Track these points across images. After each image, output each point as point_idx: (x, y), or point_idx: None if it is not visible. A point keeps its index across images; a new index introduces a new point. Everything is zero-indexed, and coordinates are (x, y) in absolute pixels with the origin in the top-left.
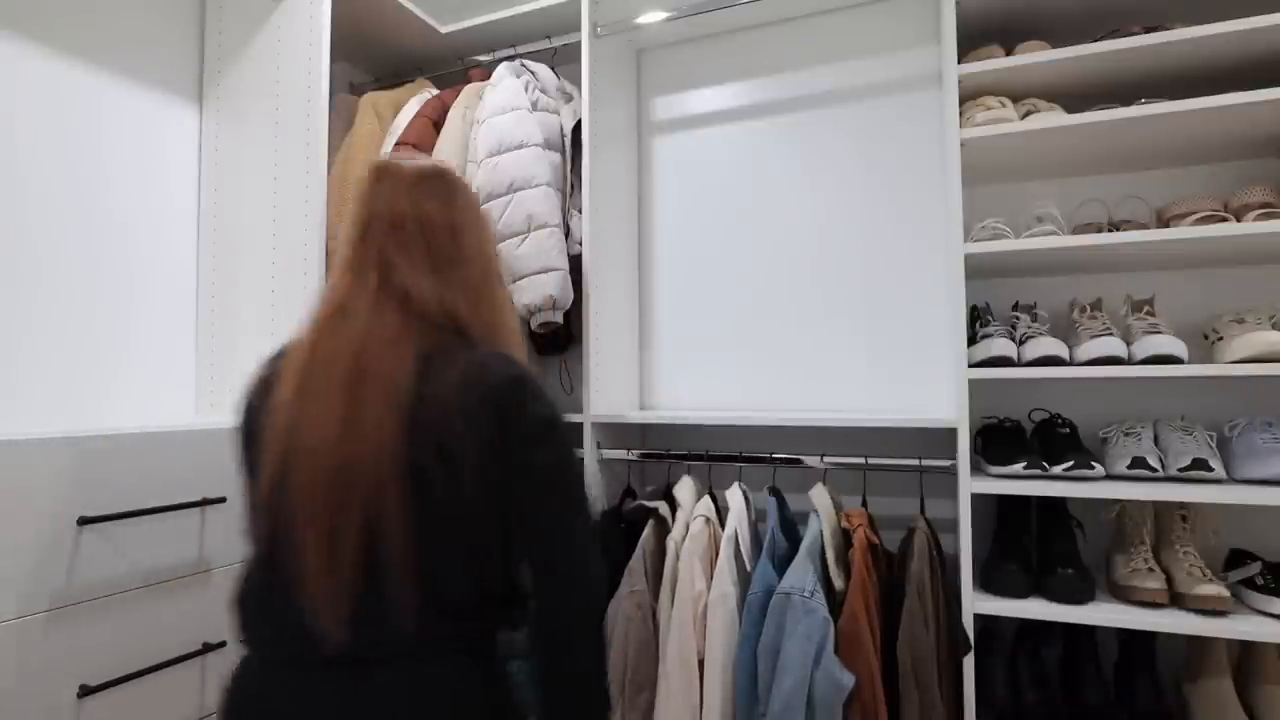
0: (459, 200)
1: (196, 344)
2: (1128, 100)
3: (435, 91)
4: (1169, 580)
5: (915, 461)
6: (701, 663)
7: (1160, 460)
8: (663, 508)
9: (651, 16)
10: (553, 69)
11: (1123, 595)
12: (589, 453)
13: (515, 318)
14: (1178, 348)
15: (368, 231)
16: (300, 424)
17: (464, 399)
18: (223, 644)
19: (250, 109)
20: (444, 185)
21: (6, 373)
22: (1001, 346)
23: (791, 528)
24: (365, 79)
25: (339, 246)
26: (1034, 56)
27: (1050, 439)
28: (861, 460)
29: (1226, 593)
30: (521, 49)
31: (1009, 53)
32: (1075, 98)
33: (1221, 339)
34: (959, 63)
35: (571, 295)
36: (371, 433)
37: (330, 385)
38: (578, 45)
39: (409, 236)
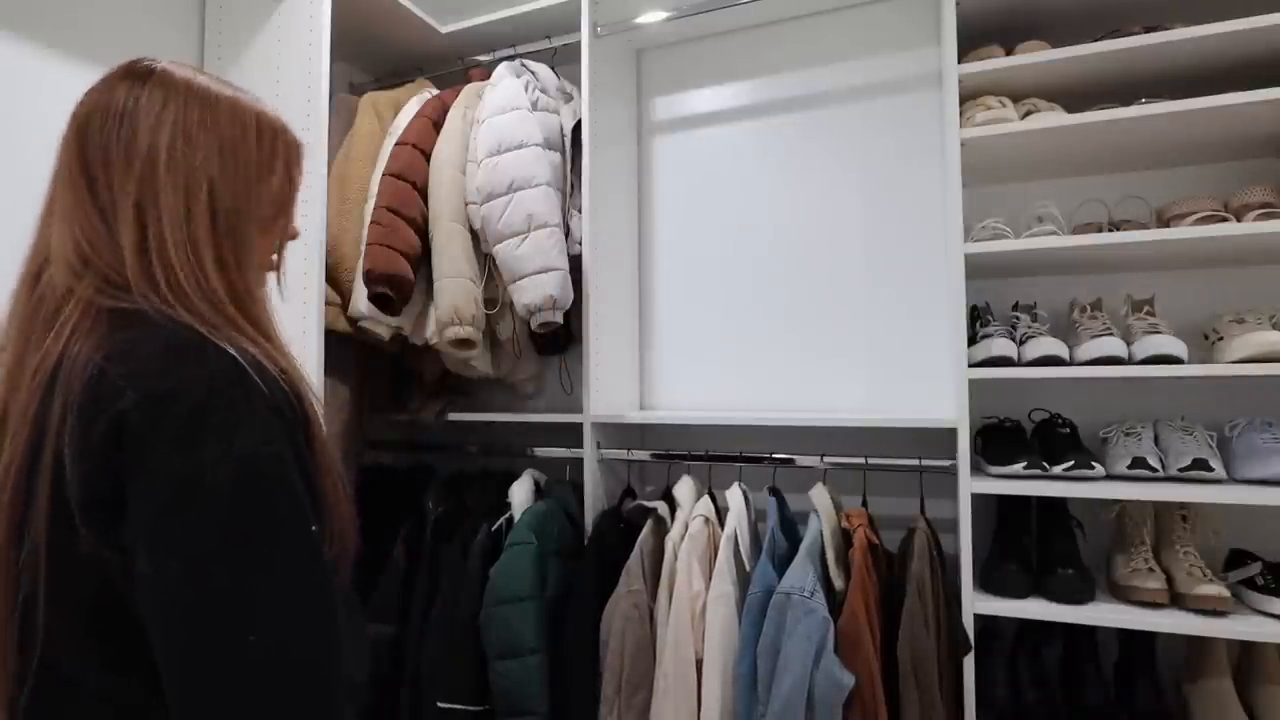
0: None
1: None
2: (1128, 100)
3: (435, 91)
4: (1169, 580)
5: (915, 461)
6: (699, 663)
7: (1160, 460)
8: (662, 508)
9: (651, 16)
10: (553, 69)
11: (1123, 595)
12: (589, 453)
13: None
14: (1178, 348)
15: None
16: None
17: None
18: None
19: None
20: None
21: None
22: (1001, 346)
23: (791, 528)
24: (365, 79)
25: None
26: (1034, 56)
27: (1050, 439)
28: (861, 460)
29: (1227, 593)
30: (521, 49)
31: (1009, 53)
32: (1075, 98)
33: (1221, 339)
34: (959, 63)
35: (571, 295)
36: None
37: None
38: (578, 45)
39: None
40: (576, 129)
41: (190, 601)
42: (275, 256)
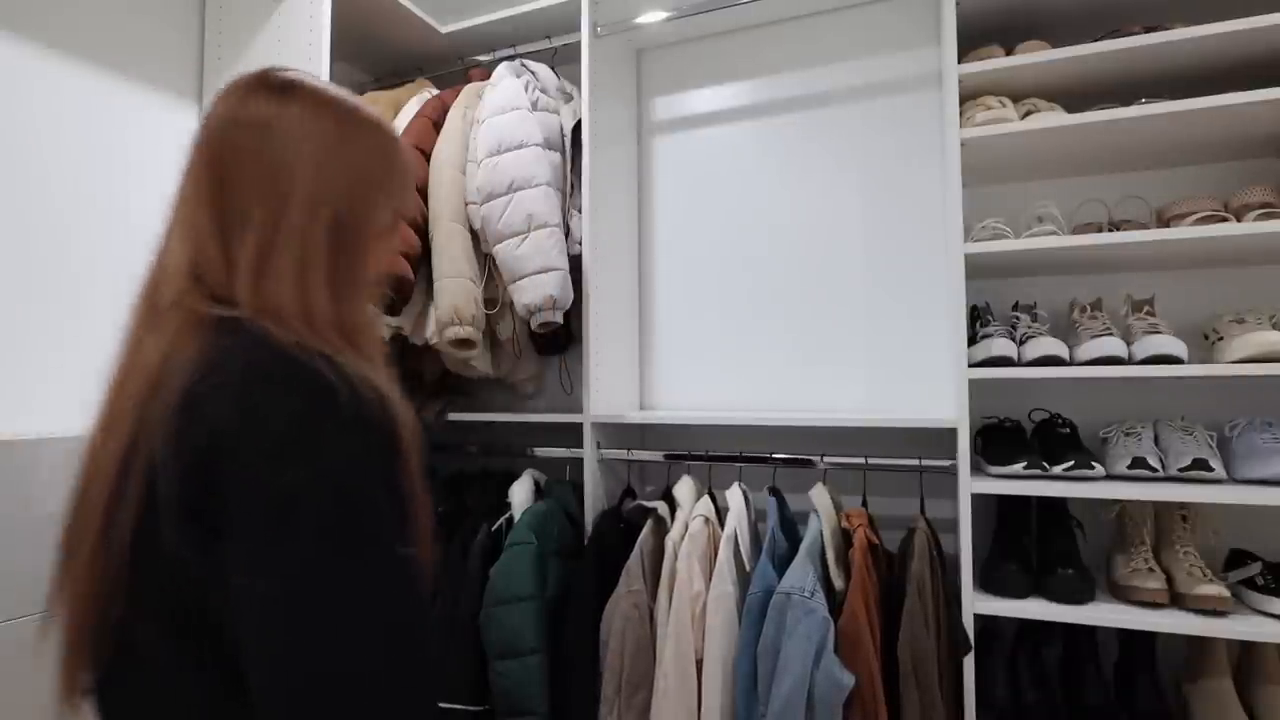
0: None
1: None
2: (1128, 100)
3: (435, 91)
4: (1169, 580)
5: (915, 461)
6: (699, 663)
7: (1160, 460)
8: (662, 508)
9: (651, 16)
10: (553, 69)
11: (1123, 595)
12: (589, 453)
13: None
14: (1178, 348)
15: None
16: None
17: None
18: None
19: None
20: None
21: (12, 373)
22: (1001, 346)
23: (791, 528)
24: (365, 79)
25: None
26: (1034, 56)
27: (1050, 439)
28: (861, 460)
29: (1227, 593)
30: (521, 49)
31: (1009, 53)
32: (1075, 98)
33: (1221, 339)
34: (959, 63)
35: (571, 295)
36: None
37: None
38: (578, 45)
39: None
40: (576, 129)
41: (279, 619)
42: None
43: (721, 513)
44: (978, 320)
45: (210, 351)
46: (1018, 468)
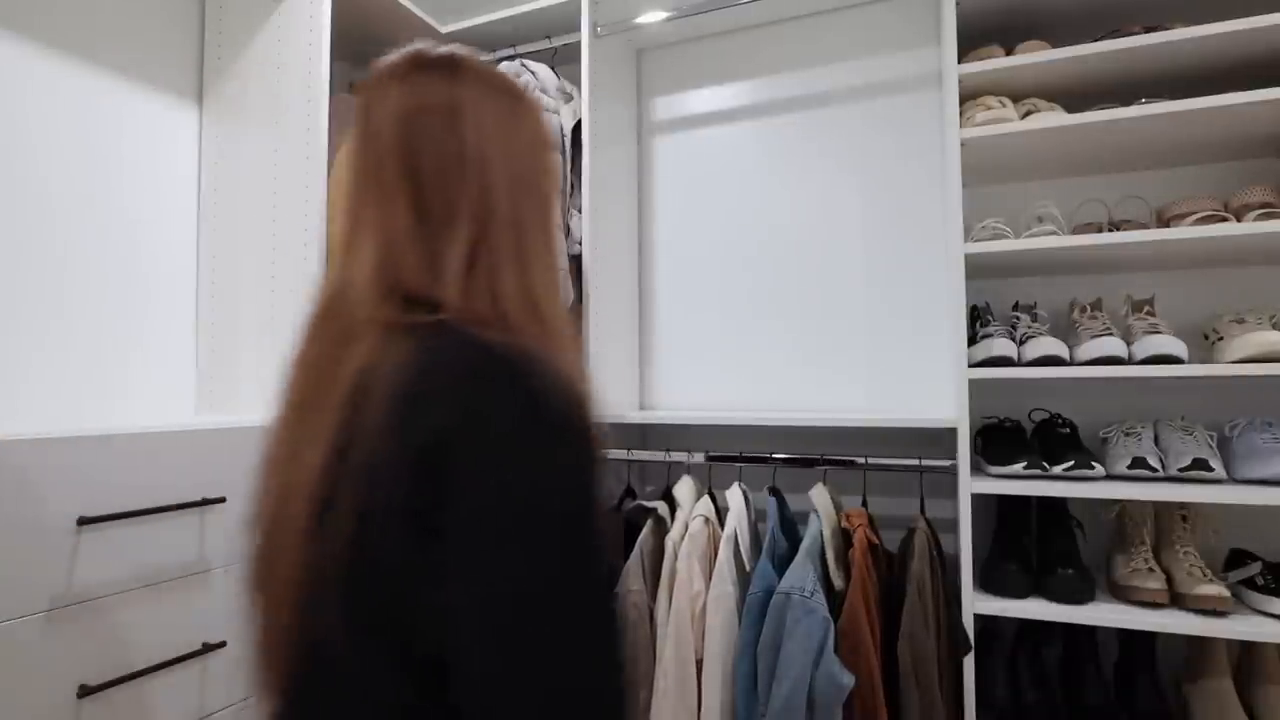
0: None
1: (196, 344)
2: (1128, 100)
3: None
4: (1169, 580)
5: (915, 461)
6: (699, 663)
7: (1160, 460)
8: (662, 508)
9: (651, 16)
10: (553, 69)
11: (1123, 595)
12: None
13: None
14: (1178, 348)
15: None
16: None
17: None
18: (223, 644)
19: (250, 109)
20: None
21: (8, 372)
22: (1002, 346)
23: (791, 528)
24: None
25: None
26: (1034, 56)
27: (1050, 439)
28: (861, 460)
29: (1227, 593)
30: (521, 49)
31: (1009, 53)
32: (1075, 98)
33: (1221, 339)
34: (959, 63)
35: (572, 295)
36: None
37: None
38: (578, 45)
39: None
40: (576, 129)
41: (499, 630)
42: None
43: (721, 513)
44: (978, 320)
45: (422, 355)
46: (1018, 468)
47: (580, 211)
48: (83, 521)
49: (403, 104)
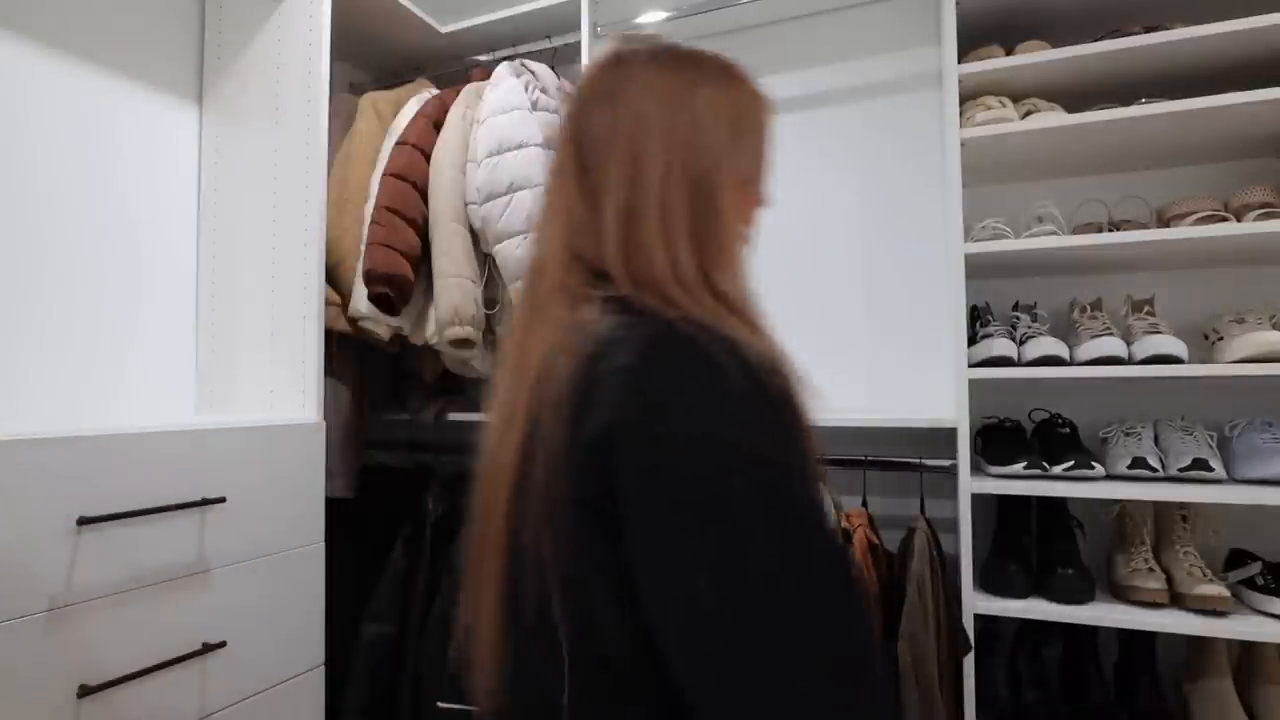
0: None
1: (196, 344)
2: (1128, 100)
3: (435, 91)
4: (1169, 580)
5: (915, 461)
6: None
7: (1160, 460)
8: None
9: (651, 16)
10: (553, 69)
11: (1123, 595)
12: None
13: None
14: (1178, 348)
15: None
16: None
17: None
18: (223, 644)
19: (250, 109)
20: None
21: (8, 372)
22: (1002, 346)
23: None
24: (365, 79)
25: None
26: (1034, 56)
27: (1050, 439)
28: (861, 460)
29: (1227, 593)
30: (521, 49)
31: (1009, 53)
32: (1075, 98)
33: (1221, 339)
34: (959, 63)
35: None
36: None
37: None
38: (578, 45)
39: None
40: None
41: (705, 625)
42: (748, 228)
43: None
44: (978, 320)
45: (598, 335)
46: (1018, 468)
47: None
48: (83, 521)
49: (576, 95)
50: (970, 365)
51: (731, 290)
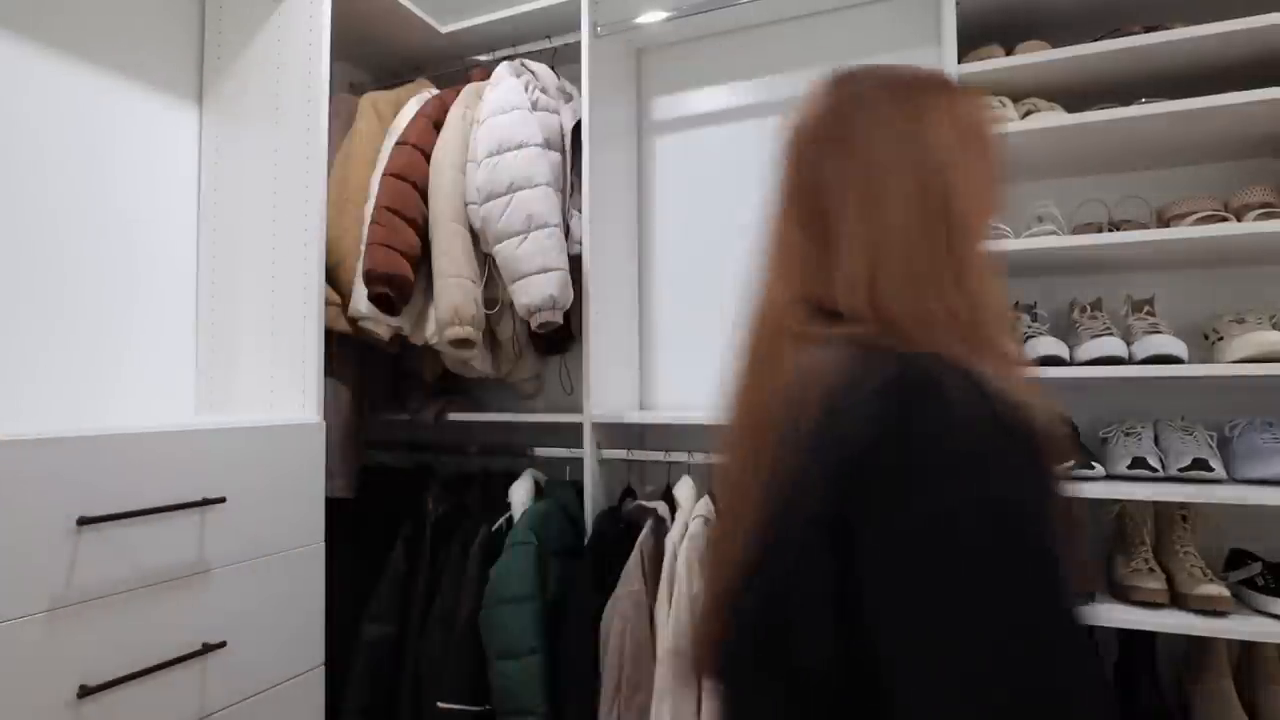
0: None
1: (196, 344)
2: (1127, 100)
3: (435, 91)
4: (1169, 580)
5: None
6: None
7: (1160, 460)
8: (662, 508)
9: (651, 16)
10: (553, 69)
11: (1123, 595)
12: (589, 453)
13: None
14: (1178, 348)
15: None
16: None
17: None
18: (223, 644)
19: (250, 109)
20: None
21: (8, 372)
22: None
23: None
24: (365, 79)
25: None
26: (1034, 56)
27: None
28: None
29: (1227, 593)
30: (521, 49)
31: (1009, 53)
32: (1075, 98)
33: (1221, 339)
34: (959, 63)
35: (571, 295)
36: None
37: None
38: (578, 45)
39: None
40: (576, 129)
41: (928, 662)
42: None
43: None
44: None
45: (839, 372)
46: None
47: (580, 211)
48: (83, 521)
49: (798, 121)
50: None
51: (981, 319)
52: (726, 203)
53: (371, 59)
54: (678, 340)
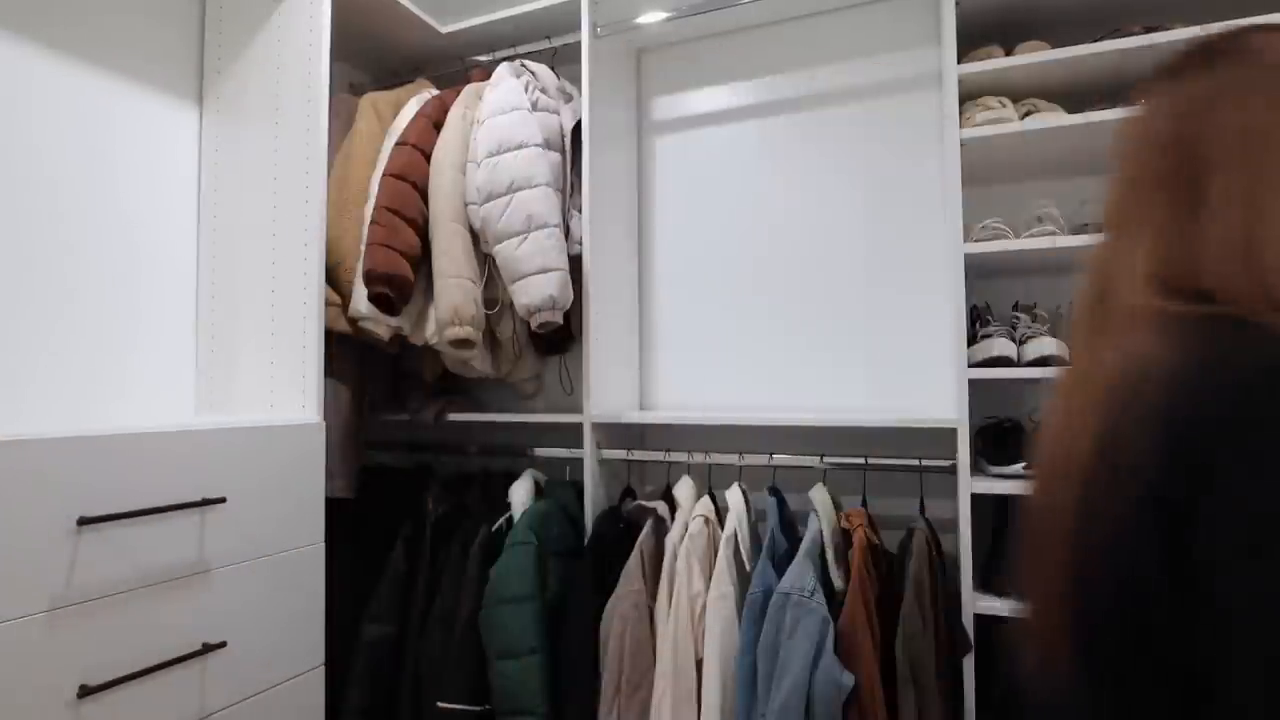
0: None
1: (196, 344)
2: (1128, 100)
3: (435, 91)
4: None
5: (915, 461)
6: (699, 663)
7: None
8: (661, 508)
9: (651, 16)
10: (553, 69)
11: None
12: (589, 453)
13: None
14: None
15: None
16: None
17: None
18: (223, 644)
19: (250, 109)
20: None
21: (9, 373)
22: (1001, 346)
23: (791, 528)
24: (365, 79)
25: None
26: (1034, 56)
27: None
28: (861, 460)
29: None
30: (521, 49)
31: (1009, 53)
32: (1075, 98)
33: None
34: (959, 63)
35: (571, 295)
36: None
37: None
38: (578, 45)
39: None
40: (576, 129)
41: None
42: None
43: (721, 513)
44: (978, 320)
45: (1193, 354)
46: (1018, 468)
47: (580, 211)
48: (83, 521)
49: (1174, 90)
50: (970, 365)
51: None
52: (726, 203)
53: (371, 59)
54: (678, 340)
